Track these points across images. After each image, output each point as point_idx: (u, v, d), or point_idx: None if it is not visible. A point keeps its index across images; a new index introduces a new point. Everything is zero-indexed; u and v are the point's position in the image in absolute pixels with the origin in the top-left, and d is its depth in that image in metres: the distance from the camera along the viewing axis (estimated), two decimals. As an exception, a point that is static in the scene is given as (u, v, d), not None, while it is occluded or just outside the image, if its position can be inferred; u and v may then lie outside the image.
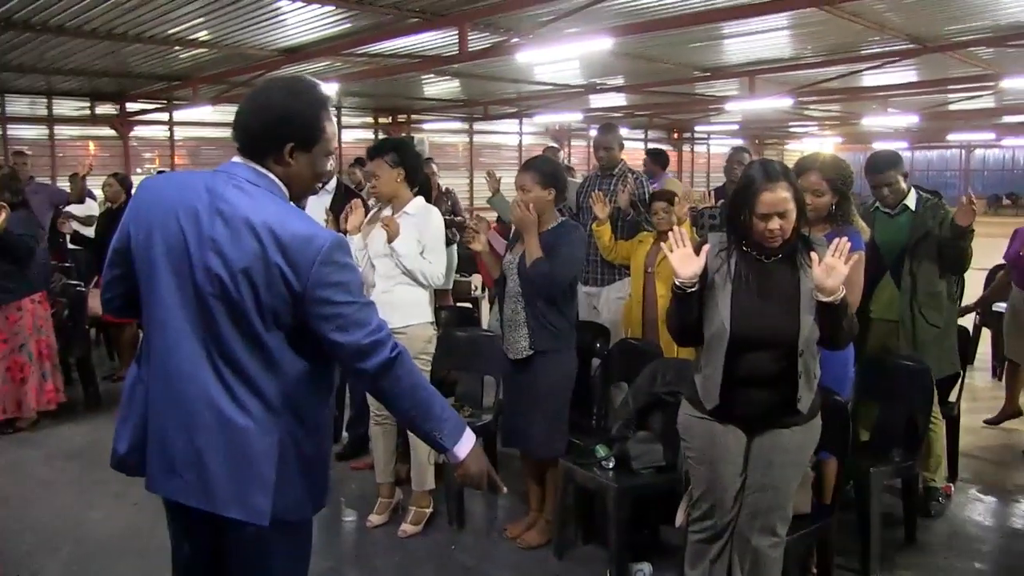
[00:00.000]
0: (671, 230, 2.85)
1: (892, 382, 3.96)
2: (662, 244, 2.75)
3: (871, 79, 13.13)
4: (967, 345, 4.66)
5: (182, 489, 1.97)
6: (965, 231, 3.93)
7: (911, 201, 4.16)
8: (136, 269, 2.02)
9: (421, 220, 4.00)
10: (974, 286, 4.55)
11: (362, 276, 3.68)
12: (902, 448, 3.91)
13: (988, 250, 3.74)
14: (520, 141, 20.73)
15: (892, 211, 4.18)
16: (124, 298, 2.13)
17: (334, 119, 2.09)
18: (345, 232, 3.98)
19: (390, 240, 3.88)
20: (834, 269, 2.61)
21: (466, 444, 2.10)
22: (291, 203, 2.04)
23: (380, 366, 1.97)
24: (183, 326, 1.95)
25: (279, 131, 1.99)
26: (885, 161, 4.17)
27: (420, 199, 4.10)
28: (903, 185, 4.15)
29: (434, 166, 8.09)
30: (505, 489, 2.27)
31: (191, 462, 1.95)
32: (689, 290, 2.75)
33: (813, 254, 2.70)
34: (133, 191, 6.94)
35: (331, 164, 2.21)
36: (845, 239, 2.65)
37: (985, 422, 5.58)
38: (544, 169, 3.77)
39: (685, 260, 2.75)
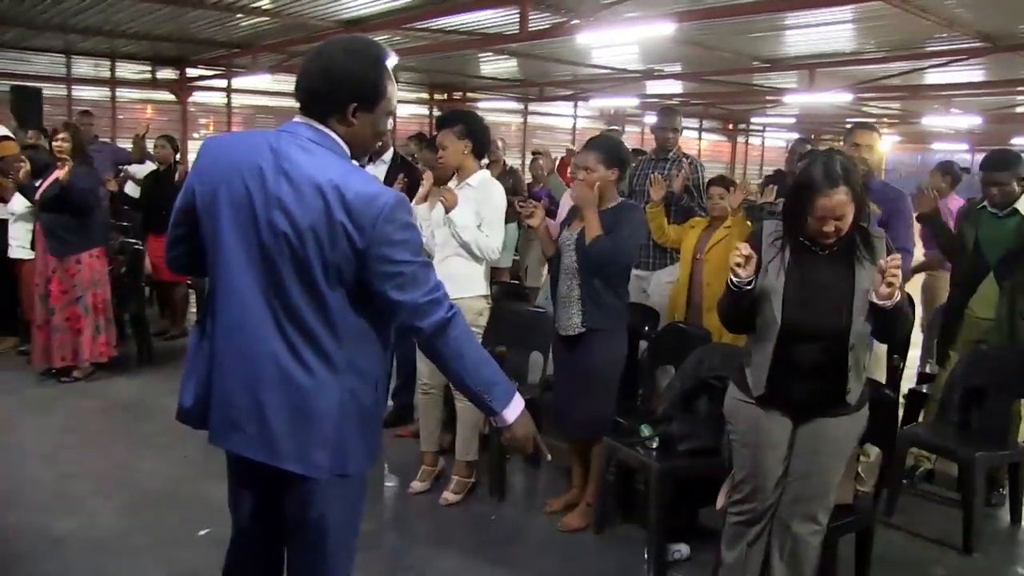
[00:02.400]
0: (726, 216, 2.84)
1: (1002, 370, 4.05)
2: (732, 256, 2.73)
3: (935, 77, 12.85)
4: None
5: (244, 443, 2.03)
6: None
7: (1022, 205, 4.14)
8: (201, 228, 2.06)
9: (482, 193, 4.01)
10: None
11: (425, 246, 3.73)
12: (995, 434, 4.05)
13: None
14: (574, 124, 20.62)
15: (1000, 212, 4.18)
16: (188, 256, 2.18)
17: (394, 79, 2.12)
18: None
19: (447, 210, 3.92)
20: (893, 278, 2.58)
21: (515, 408, 2.13)
22: (353, 162, 2.07)
23: (435, 325, 2.01)
24: (249, 284, 1.99)
25: (343, 92, 2.00)
26: (1002, 161, 4.16)
27: (485, 172, 4.12)
28: (1016, 188, 4.13)
29: (500, 142, 8.14)
30: (550, 456, 2.31)
31: (254, 417, 2.00)
32: (745, 288, 2.75)
33: (875, 248, 2.68)
34: (179, 154, 7.12)
35: (389, 125, 2.23)
36: (897, 257, 2.61)
37: None
38: (608, 148, 3.76)
39: (745, 260, 2.72)
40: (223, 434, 2.07)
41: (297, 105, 2.07)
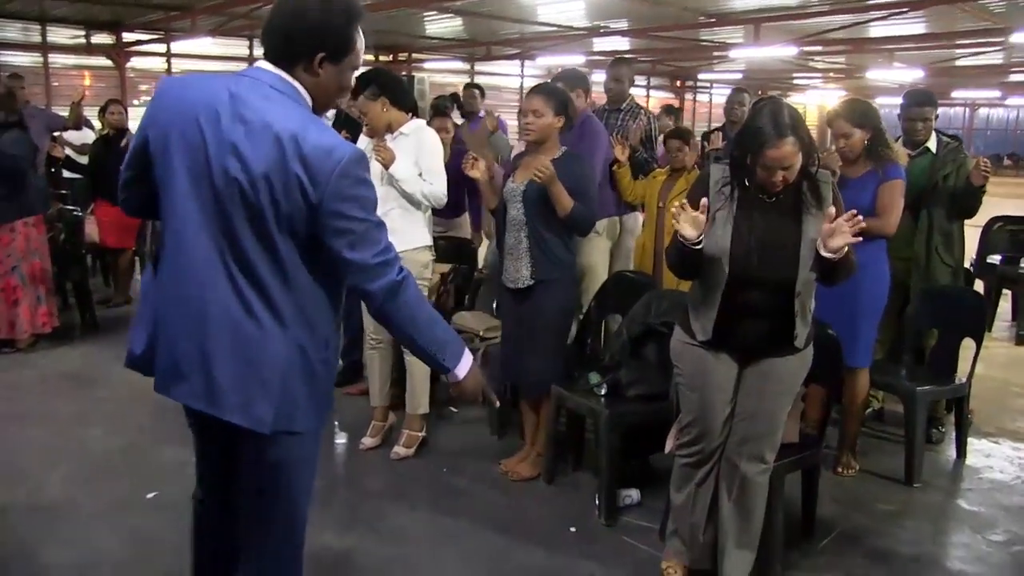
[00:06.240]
0: (684, 167, 2.81)
1: (949, 310, 4.24)
2: (674, 220, 2.71)
3: (878, 31, 12.98)
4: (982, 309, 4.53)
5: (188, 392, 2.00)
6: (977, 190, 4.20)
7: (932, 144, 4.37)
8: (154, 170, 2.00)
9: (415, 140, 3.96)
10: (969, 240, 4.68)
11: None
12: (942, 372, 4.23)
13: (986, 207, 4.30)
14: (521, 84, 20.49)
15: (913, 152, 4.36)
16: (140, 199, 2.12)
17: (362, 34, 2.06)
18: None
19: (386, 167, 3.86)
20: (842, 232, 2.58)
21: (466, 364, 2.17)
22: (314, 114, 2.02)
23: (386, 288, 1.99)
24: (199, 229, 1.94)
25: (311, 40, 1.95)
26: (926, 96, 4.43)
27: (419, 121, 4.07)
28: (932, 126, 4.36)
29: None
30: (498, 402, 2.32)
31: (198, 366, 1.96)
32: (694, 247, 2.74)
33: (822, 195, 2.73)
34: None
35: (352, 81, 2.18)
36: (859, 217, 2.58)
37: None
38: (558, 95, 3.71)
39: (691, 223, 2.71)
40: (167, 382, 2.03)
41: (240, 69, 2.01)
